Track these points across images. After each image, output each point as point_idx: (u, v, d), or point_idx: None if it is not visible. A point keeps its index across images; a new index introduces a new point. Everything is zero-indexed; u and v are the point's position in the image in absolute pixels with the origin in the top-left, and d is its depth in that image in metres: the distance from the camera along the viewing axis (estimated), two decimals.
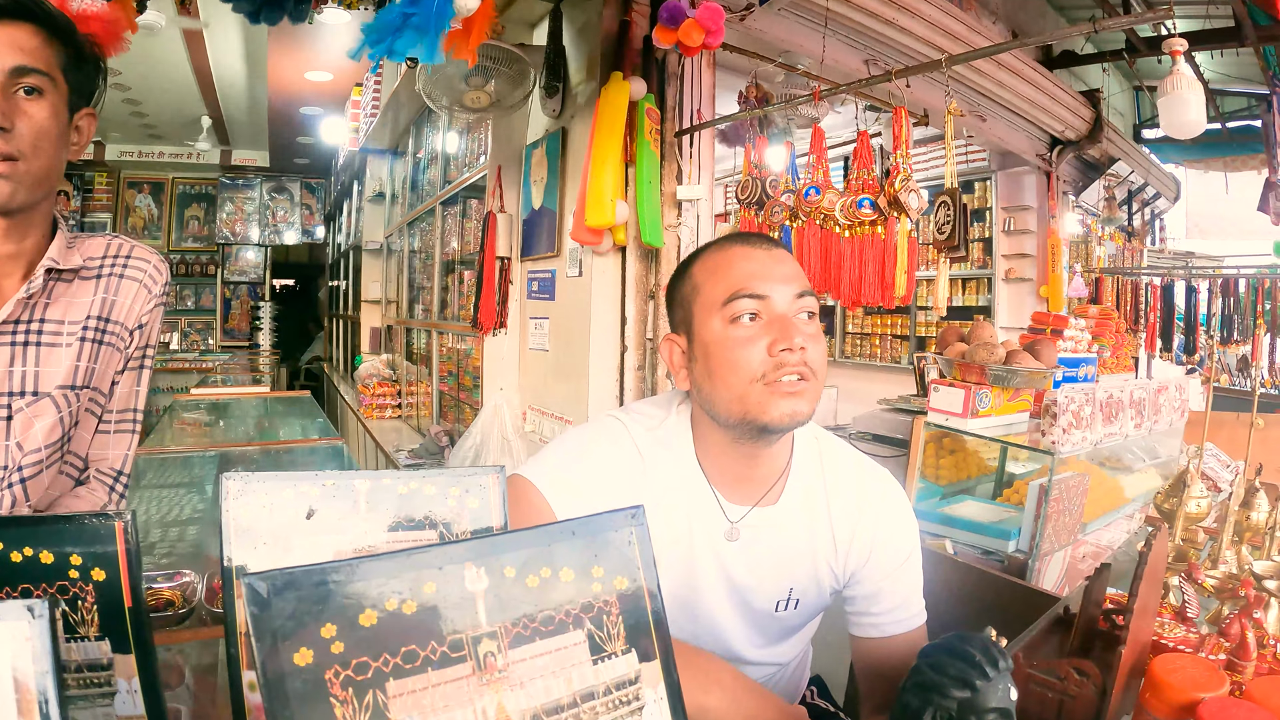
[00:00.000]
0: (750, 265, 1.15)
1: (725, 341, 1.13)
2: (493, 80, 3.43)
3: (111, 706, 0.66)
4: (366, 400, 6.41)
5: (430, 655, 0.54)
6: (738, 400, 1.12)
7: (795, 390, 1.10)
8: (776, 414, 1.09)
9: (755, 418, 1.11)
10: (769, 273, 1.13)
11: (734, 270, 1.15)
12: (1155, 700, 0.87)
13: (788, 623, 1.29)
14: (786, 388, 1.09)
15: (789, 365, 1.09)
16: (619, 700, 0.63)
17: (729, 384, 1.12)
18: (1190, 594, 1.29)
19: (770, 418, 1.10)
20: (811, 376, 1.11)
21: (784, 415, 1.09)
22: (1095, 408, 2.56)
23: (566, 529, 0.64)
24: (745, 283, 1.13)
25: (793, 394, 1.09)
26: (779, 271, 1.14)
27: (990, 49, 3.09)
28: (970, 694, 0.67)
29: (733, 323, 1.12)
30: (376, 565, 0.53)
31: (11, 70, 1.08)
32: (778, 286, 1.12)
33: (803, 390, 1.10)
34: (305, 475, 0.70)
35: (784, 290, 1.12)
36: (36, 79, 1.11)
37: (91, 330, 1.25)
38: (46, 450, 1.21)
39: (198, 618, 1.39)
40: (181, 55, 5.89)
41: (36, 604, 0.48)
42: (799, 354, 1.09)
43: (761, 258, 1.15)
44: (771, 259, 1.16)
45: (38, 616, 0.48)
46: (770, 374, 1.10)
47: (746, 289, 1.12)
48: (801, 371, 1.10)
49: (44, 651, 0.48)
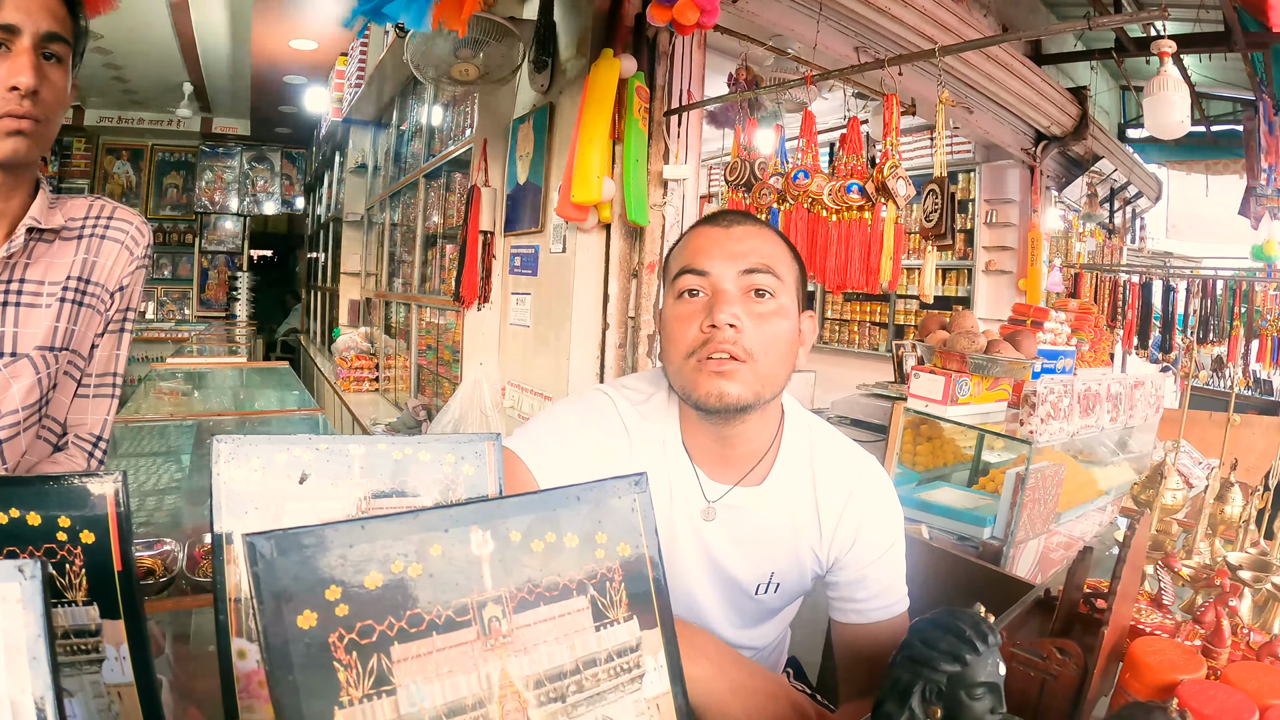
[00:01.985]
0: (702, 241, 1.15)
1: (670, 316, 1.14)
2: (481, 53, 3.39)
3: (99, 674, 0.64)
4: (344, 373, 6.37)
5: (435, 619, 0.53)
6: (675, 375, 1.13)
7: (723, 370, 1.08)
8: (702, 392, 1.09)
9: (688, 394, 1.11)
10: (717, 249, 1.12)
11: (688, 247, 1.16)
12: (1135, 681, 0.89)
13: (767, 605, 1.29)
14: (713, 366, 1.08)
15: (715, 342, 1.08)
16: (620, 667, 0.63)
17: (670, 359, 1.14)
18: (1166, 582, 1.32)
19: (698, 395, 1.09)
20: (747, 358, 1.09)
21: (709, 394, 1.08)
22: (1073, 399, 2.59)
23: (571, 494, 0.63)
24: (691, 258, 1.13)
25: (719, 374, 1.08)
26: (728, 248, 1.12)
27: (984, 41, 3.09)
28: (960, 668, 0.67)
29: (678, 298, 1.13)
30: (383, 526, 0.52)
31: (45, 35, 1.11)
32: (721, 262, 1.11)
33: (732, 371, 1.08)
34: (298, 438, 0.69)
35: (727, 266, 1.11)
36: (60, 46, 1.14)
37: (71, 291, 1.23)
38: (24, 412, 1.19)
39: (178, 586, 1.38)
40: (165, 19, 5.77)
41: (28, 564, 0.47)
42: (729, 332, 1.08)
43: (717, 235, 1.14)
44: (728, 236, 1.14)
45: (29, 578, 0.46)
46: (699, 351, 1.09)
47: (691, 264, 1.12)
48: (732, 351, 1.08)
49: (36, 615, 0.47)
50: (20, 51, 1.08)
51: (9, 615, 0.46)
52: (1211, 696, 0.81)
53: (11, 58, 1.08)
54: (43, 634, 0.46)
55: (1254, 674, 0.88)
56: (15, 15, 1.08)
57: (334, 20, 5.73)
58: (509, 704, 0.55)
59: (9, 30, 1.07)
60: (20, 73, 1.07)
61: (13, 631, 0.46)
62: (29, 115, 1.10)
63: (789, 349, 1.15)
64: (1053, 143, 5.80)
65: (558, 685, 0.58)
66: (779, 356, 1.12)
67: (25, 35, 1.08)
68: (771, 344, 1.11)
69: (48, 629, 0.47)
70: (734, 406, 1.09)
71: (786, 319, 1.14)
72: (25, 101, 1.09)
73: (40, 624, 0.46)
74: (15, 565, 0.47)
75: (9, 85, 1.07)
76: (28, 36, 1.09)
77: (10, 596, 0.46)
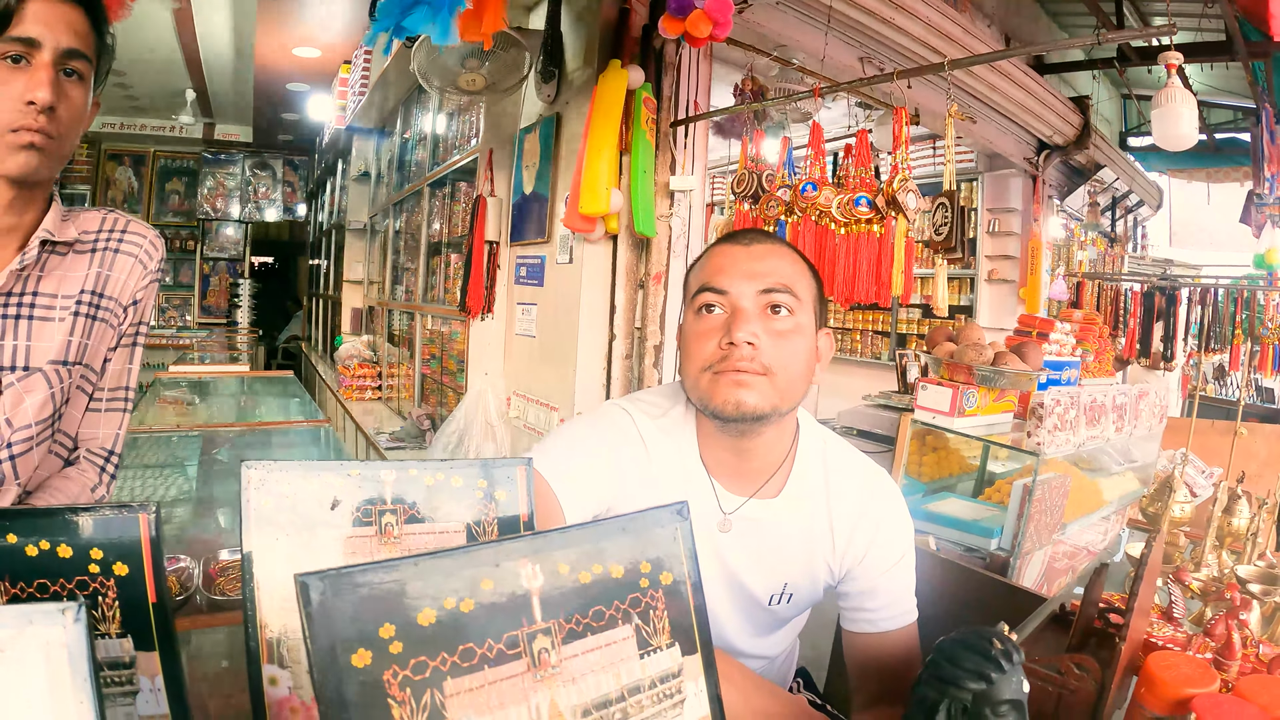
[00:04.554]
0: (721, 260, 1.19)
1: (689, 332, 1.19)
2: (488, 63, 3.40)
3: (134, 706, 0.64)
4: (346, 381, 6.36)
5: (487, 653, 0.54)
6: (694, 388, 1.18)
7: (741, 381, 1.12)
8: (720, 401, 1.13)
9: (705, 404, 1.15)
10: (735, 267, 1.17)
11: (708, 265, 1.21)
12: (1150, 696, 0.91)
13: (780, 615, 1.32)
14: (732, 377, 1.12)
15: (733, 358, 1.12)
16: (663, 694, 0.63)
17: (688, 372, 1.18)
18: (1177, 595, 1.33)
19: (715, 404, 1.13)
20: (763, 372, 1.13)
21: (727, 403, 1.12)
22: (1079, 410, 2.59)
23: (617, 525, 0.64)
24: (711, 277, 1.18)
25: (738, 384, 1.12)
26: (747, 268, 1.17)
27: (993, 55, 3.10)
28: (985, 686, 0.69)
29: (697, 314, 1.18)
30: (435, 563, 0.53)
31: (65, 51, 1.10)
32: (740, 281, 1.15)
33: (750, 382, 1.12)
34: (329, 465, 0.69)
35: (747, 286, 1.15)
36: (80, 63, 1.13)
37: (85, 305, 1.23)
38: (37, 426, 1.19)
39: (194, 605, 1.37)
40: (168, 26, 5.79)
41: (70, 606, 0.46)
42: (747, 349, 1.12)
43: (736, 254, 1.19)
44: (748, 254, 1.18)
45: (75, 621, 0.45)
46: (718, 364, 1.13)
47: (710, 283, 1.17)
48: (749, 368, 1.12)
49: (81, 657, 0.46)
50: (40, 66, 1.07)
51: (55, 660, 0.45)
52: (1226, 710, 0.84)
53: (31, 72, 1.07)
54: (89, 677, 0.46)
55: (1266, 687, 0.91)
56: (36, 29, 1.07)
57: (338, 28, 5.75)
58: None
59: (29, 44, 1.06)
60: (38, 87, 1.06)
61: (59, 677, 0.45)
62: (43, 131, 1.09)
63: (806, 365, 1.19)
64: (1055, 152, 5.82)
65: (604, 713, 0.59)
66: (796, 373, 1.16)
67: (45, 50, 1.07)
68: (789, 360, 1.15)
69: (93, 673, 0.46)
70: (751, 415, 1.13)
71: (803, 336, 1.18)
72: (41, 117, 1.08)
73: (86, 666, 0.46)
74: (58, 608, 0.46)
75: (26, 99, 1.06)
76: (48, 51, 1.08)
77: (54, 641, 0.45)
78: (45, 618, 0.45)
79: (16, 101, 1.06)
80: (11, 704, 0.44)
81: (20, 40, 1.06)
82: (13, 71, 1.07)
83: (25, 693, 0.44)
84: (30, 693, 0.44)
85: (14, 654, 0.44)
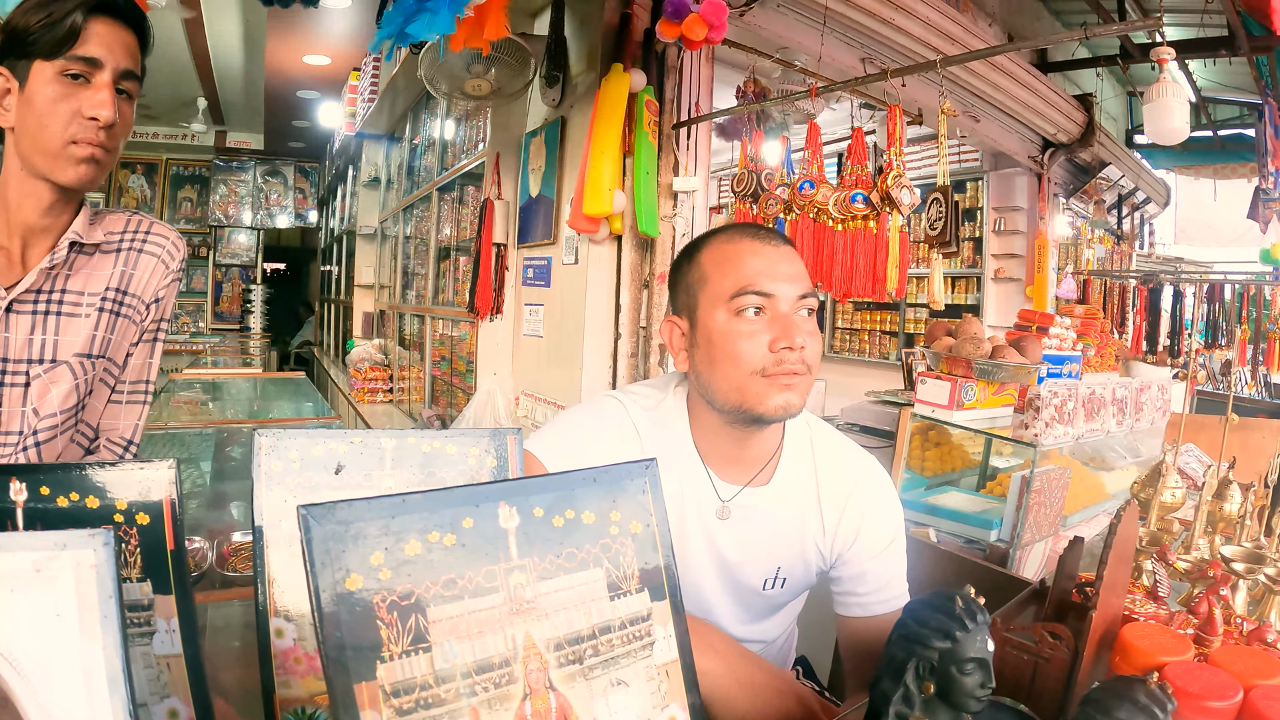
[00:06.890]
0: (759, 262, 1.19)
1: (729, 333, 1.18)
2: (494, 69, 3.46)
3: (150, 645, 0.70)
4: (358, 384, 6.43)
5: (467, 585, 0.59)
6: (735, 390, 1.17)
7: (790, 384, 1.16)
8: (771, 405, 1.16)
9: (751, 408, 1.17)
10: (776, 271, 1.19)
11: (743, 265, 1.19)
12: (1124, 664, 0.92)
13: (774, 600, 1.35)
14: (784, 380, 1.15)
15: (788, 362, 1.15)
16: (632, 635, 0.68)
17: (728, 374, 1.18)
18: (1162, 574, 1.35)
19: (765, 408, 1.16)
20: (806, 371, 1.17)
21: (778, 407, 1.16)
22: (1078, 403, 2.61)
23: (589, 476, 0.69)
24: (753, 279, 1.17)
25: (788, 387, 1.16)
26: (785, 270, 1.19)
27: (985, 51, 3.14)
28: (950, 644, 0.72)
29: (738, 315, 1.18)
30: (420, 501, 0.58)
31: (123, 72, 1.19)
32: (783, 285, 1.18)
33: (796, 384, 1.16)
34: (334, 432, 0.75)
35: (789, 289, 1.18)
36: (132, 84, 1.22)
37: (110, 302, 1.29)
38: (61, 415, 1.25)
39: (209, 581, 1.43)
40: (179, 34, 5.87)
41: (100, 533, 0.53)
42: (798, 352, 1.15)
43: (770, 255, 1.20)
44: (780, 256, 1.21)
45: (104, 545, 0.52)
46: (770, 368, 1.15)
47: (753, 285, 1.17)
48: (798, 368, 1.16)
49: (108, 577, 0.52)
50: (101, 85, 1.16)
51: (84, 580, 0.52)
52: (1196, 676, 0.84)
53: (92, 90, 1.16)
54: (114, 594, 0.52)
55: (1241, 657, 0.91)
56: (99, 50, 1.16)
57: (347, 36, 5.82)
58: (532, 663, 0.60)
59: (91, 63, 1.15)
60: (102, 106, 1.15)
61: (88, 594, 0.52)
62: (103, 145, 1.18)
63: None
64: (1060, 150, 5.83)
65: (576, 648, 0.64)
66: (819, 368, 1.22)
67: (106, 70, 1.17)
68: (816, 359, 1.20)
69: (118, 591, 0.52)
70: (795, 415, 1.19)
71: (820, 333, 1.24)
72: (102, 133, 1.17)
73: (112, 585, 0.52)
74: (89, 533, 0.52)
75: (88, 115, 1.15)
76: (108, 72, 1.17)
77: (85, 562, 0.52)
78: (78, 540, 0.52)
79: (77, 115, 1.16)
80: (45, 617, 0.51)
81: (84, 59, 1.15)
82: (73, 87, 1.16)
83: (58, 607, 0.51)
84: (62, 606, 0.51)
85: (49, 573, 0.51)
